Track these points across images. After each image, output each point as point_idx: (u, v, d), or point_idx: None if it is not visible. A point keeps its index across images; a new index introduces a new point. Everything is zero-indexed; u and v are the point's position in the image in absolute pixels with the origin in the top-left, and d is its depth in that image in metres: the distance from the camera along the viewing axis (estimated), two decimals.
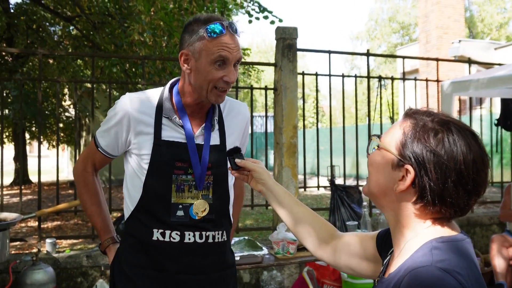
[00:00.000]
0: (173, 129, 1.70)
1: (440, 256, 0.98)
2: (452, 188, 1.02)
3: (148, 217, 1.68)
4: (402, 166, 1.07)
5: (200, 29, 1.61)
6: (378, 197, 1.16)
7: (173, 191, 1.67)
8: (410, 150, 1.06)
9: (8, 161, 15.01)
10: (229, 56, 1.61)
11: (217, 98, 1.67)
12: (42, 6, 9.48)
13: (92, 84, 4.61)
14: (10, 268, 3.46)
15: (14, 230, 7.09)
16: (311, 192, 12.07)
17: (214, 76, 1.61)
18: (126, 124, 1.70)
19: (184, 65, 1.67)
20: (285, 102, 4.66)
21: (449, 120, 1.08)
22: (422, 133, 1.06)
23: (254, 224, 7.56)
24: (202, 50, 1.61)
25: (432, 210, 1.06)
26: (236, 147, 1.60)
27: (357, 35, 40.33)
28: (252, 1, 6.80)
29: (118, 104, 1.73)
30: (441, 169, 1.02)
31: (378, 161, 1.14)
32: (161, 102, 1.72)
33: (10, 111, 10.21)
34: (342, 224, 4.25)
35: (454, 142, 1.03)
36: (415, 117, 1.11)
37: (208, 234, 1.71)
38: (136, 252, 1.71)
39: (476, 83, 4.77)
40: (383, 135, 1.17)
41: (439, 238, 1.04)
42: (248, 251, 3.09)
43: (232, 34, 1.63)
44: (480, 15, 31.18)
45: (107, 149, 1.79)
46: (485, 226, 5.46)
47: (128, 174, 1.77)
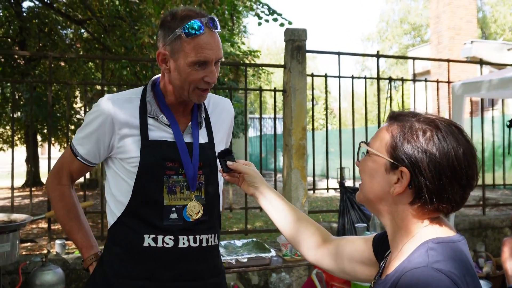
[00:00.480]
0: (160, 128, 1.61)
1: (436, 257, 0.99)
2: (448, 184, 1.03)
3: (137, 222, 1.57)
4: (396, 168, 1.08)
5: (177, 28, 1.51)
6: (374, 203, 1.16)
7: (165, 193, 1.57)
8: (402, 152, 1.07)
9: (20, 163, 15.15)
10: (209, 57, 1.52)
11: (199, 98, 1.60)
12: (54, 10, 9.57)
13: (102, 86, 4.64)
14: (20, 269, 3.49)
15: (25, 231, 7.15)
16: (321, 194, 12.02)
17: (194, 77, 1.53)
18: (108, 128, 1.58)
19: (162, 65, 1.59)
20: (294, 104, 4.64)
21: (434, 118, 1.09)
22: (411, 134, 1.07)
23: (263, 226, 7.54)
24: (180, 50, 1.52)
25: (429, 208, 1.07)
26: (228, 149, 1.54)
27: (368, 37, 40.14)
28: (262, 3, 6.79)
29: (98, 107, 1.61)
30: (435, 167, 1.03)
31: (371, 167, 1.14)
32: (144, 101, 1.63)
33: (22, 113, 10.31)
34: (351, 226, 4.22)
35: (443, 138, 1.05)
36: (400, 119, 1.12)
37: (202, 237, 1.62)
38: (124, 261, 1.58)
39: (488, 84, 4.72)
40: (371, 141, 1.17)
41: (435, 239, 1.04)
42: (256, 253, 3.08)
43: (212, 31, 1.54)
44: (493, 16, 30.88)
45: (87, 157, 1.65)
46: (497, 229, 5.40)
47: (111, 179, 1.65)
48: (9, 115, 11.92)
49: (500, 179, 6.46)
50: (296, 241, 1.46)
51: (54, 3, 9.45)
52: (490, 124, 6.29)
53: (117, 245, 1.61)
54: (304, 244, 1.44)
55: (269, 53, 41.75)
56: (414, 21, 35.23)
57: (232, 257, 2.95)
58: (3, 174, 17.65)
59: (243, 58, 9.57)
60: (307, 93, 4.81)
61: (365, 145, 1.17)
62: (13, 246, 3.18)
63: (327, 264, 1.41)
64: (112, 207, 1.63)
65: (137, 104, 1.62)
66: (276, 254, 3.23)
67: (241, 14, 11.55)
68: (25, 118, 10.57)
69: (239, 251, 3.17)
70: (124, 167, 1.59)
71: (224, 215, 8.68)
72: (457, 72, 13.37)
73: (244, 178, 1.52)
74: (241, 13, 11.10)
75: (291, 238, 1.47)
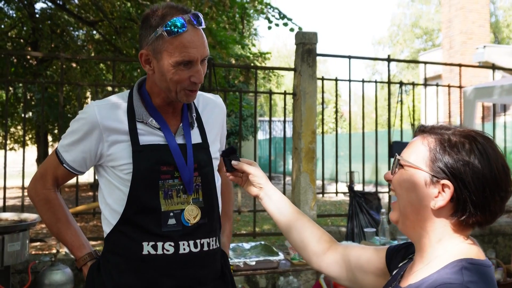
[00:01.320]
0: (151, 132, 1.54)
1: (471, 277, 0.98)
2: (490, 196, 1.03)
3: (135, 230, 1.50)
4: (437, 182, 1.05)
5: (158, 27, 1.43)
6: (409, 218, 1.12)
7: (161, 198, 1.50)
8: (443, 165, 1.05)
9: (31, 163, 15.28)
10: (194, 56, 1.44)
11: (188, 98, 1.53)
12: (67, 11, 9.65)
13: (113, 88, 4.66)
14: (29, 268, 3.51)
15: (34, 231, 7.20)
16: (330, 198, 11.98)
17: (180, 77, 1.46)
18: (96, 136, 1.52)
19: (145, 66, 1.52)
20: (304, 107, 4.63)
21: (469, 131, 1.08)
22: (451, 147, 1.05)
23: (272, 229, 7.53)
24: (162, 50, 1.44)
25: (469, 222, 1.05)
26: (232, 148, 1.47)
27: (379, 40, 40.01)
28: (272, 7, 6.80)
29: (84, 114, 1.54)
30: (478, 179, 1.02)
31: (408, 181, 1.11)
32: (131, 106, 1.56)
33: (33, 113, 10.40)
34: (360, 230, 4.20)
35: (483, 150, 1.04)
36: (435, 132, 1.10)
37: (203, 241, 1.55)
38: (124, 271, 1.52)
39: (500, 89, 4.68)
40: (404, 154, 1.14)
41: (469, 259, 1.03)
42: (264, 256, 3.07)
43: (195, 28, 1.45)
44: (506, 20, 30.63)
45: (73, 164, 1.59)
46: (508, 236, 5.34)
47: (104, 188, 1.59)
48: (21, 115, 12.03)
49: None
50: (300, 246, 1.42)
51: (66, 5, 9.53)
52: (502, 130, 6.23)
53: (115, 255, 1.54)
54: (309, 249, 1.41)
55: (279, 56, 41.75)
56: (426, 25, 35.04)
57: (240, 260, 2.95)
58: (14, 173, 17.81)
59: (254, 60, 9.58)
60: (317, 97, 4.80)
61: (402, 159, 1.13)
62: (23, 245, 3.20)
63: (331, 271, 1.38)
64: (107, 216, 1.57)
65: (125, 109, 1.55)
66: (284, 257, 3.22)
67: (251, 18, 11.57)
68: (36, 118, 10.65)
69: (247, 254, 3.17)
70: (117, 175, 1.53)
71: (233, 218, 8.66)
72: (469, 77, 13.27)
73: (249, 178, 1.47)
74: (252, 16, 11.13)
75: (295, 242, 1.44)
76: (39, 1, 10.20)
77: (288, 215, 1.44)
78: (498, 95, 4.70)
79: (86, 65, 10.07)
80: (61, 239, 1.66)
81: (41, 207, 1.66)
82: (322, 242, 1.41)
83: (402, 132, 5.45)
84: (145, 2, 7.19)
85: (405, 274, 1.15)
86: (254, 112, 5.08)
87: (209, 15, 6.24)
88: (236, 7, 6.44)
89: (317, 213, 4.74)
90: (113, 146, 1.52)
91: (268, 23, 6.70)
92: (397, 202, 1.15)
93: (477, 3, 16.22)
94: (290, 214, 1.45)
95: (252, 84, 10.39)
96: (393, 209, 1.17)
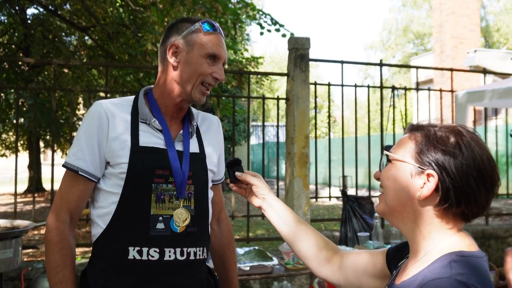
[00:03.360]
0: (152, 134, 1.57)
1: (460, 270, 1.00)
2: (475, 186, 1.06)
3: (122, 234, 1.50)
4: (422, 173, 1.09)
5: (195, 24, 1.58)
6: (398, 211, 1.15)
7: (153, 201, 1.51)
8: (428, 156, 1.09)
9: (22, 169, 15.19)
10: (221, 55, 1.59)
11: (200, 96, 1.59)
12: (59, 17, 9.63)
13: (106, 93, 4.65)
14: (22, 275, 3.49)
15: (27, 238, 7.15)
16: (323, 203, 11.99)
17: (205, 70, 1.57)
18: (105, 130, 1.53)
19: (171, 57, 1.58)
20: (297, 112, 4.65)
21: (455, 126, 1.13)
22: (437, 140, 1.09)
23: (265, 234, 7.53)
24: (196, 42, 1.57)
25: (455, 212, 1.08)
26: (237, 159, 1.50)
27: (371, 45, 40.25)
28: (264, 14, 6.84)
29: (92, 112, 1.57)
30: (462, 169, 1.05)
31: (395, 174, 1.14)
32: (136, 106, 1.61)
33: (25, 119, 10.36)
34: (353, 235, 4.21)
35: (468, 143, 1.08)
36: (422, 129, 1.14)
37: (189, 250, 1.55)
38: (109, 275, 1.51)
39: (491, 93, 4.72)
40: (393, 150, 1.18)
41: (459, 252, 1.05)
42: (258, 261, 3.07)
43: (222, 36, 1.63)
44: (496, 25, 30.93)
45: (90, 169, 1.53)
46: (501, 239, 5.37)
47: (96, 191, 1.57)
48: (13, 121, 11.97)
49: (503, 188, 6.43)
50: (305, 256, 1.43)
51: (58, 10, 9.51)
52: (494, 133, 6.28)
53: (102, 258, 1.54)
54: (313, 259, 1.42)
55: (272, 61, 41.87)
56: (417, 29, 35.31)
57: None
58: (6, 180, 17.68)
59: (246, 65, 9.60)
60: (310, 101, 4.82)
61: (389, 152, 1.17)
62: (15, 252, 3.18)
63: (337, 279, 1.39)
64: (97, 220, 1.56)
65: (129, 110, 1.60)
66: (278, 262, 3.22)
67: (244, 23, 11.61)
68: (28, 124, 10.62)
69: (241, 259, 3.16)
70: (112, 172, 1.53)
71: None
72: (460, 81, 13.37)
73: (252, 189, 1.49)
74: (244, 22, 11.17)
75: (300, 252, 1.44)
76: (31, 6, 10.17)
77: (292, 225, 1.45)
78: (489, 99, 4.74)
79: (78, 70, 10.04)
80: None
81: (52, 245, 1.52)
82: (327, 250, 1.42)
83: (394, 136, 5.47)
84: (138, 8, 7.20)
85: (400, 271, 1.17)
86: (247, 117, 5.09)
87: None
88: (229, 13, 6.47)
89: (310, 218, 4.75)
90: (114, 143, 1.53)
91: (261, 29, 6.74)
92: (384, 194, 1.18)
93: (467, 8, 16.36)
94: (294, 224, 1.45)
95: (245, 89, 10.40)
96: (379, 201, 1.20)
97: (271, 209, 1.47)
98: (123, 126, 1.55)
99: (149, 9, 6.43)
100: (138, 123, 1.57)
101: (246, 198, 1.51)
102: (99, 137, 1.53)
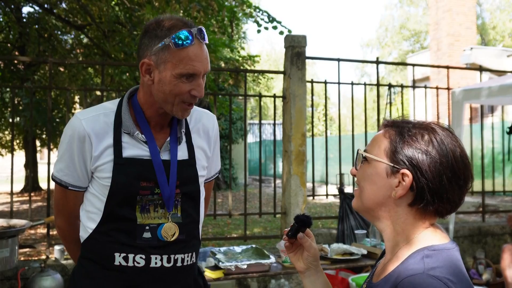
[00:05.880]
0: (135, 146, 1.51)
1: (432, 264, 1.02)
2: (448, 184, 1.07)
3: (109, 240, 1.50)
4: (397, 172, 1.09)
5: (166, 38, 1.42)
6: (373, 209, 1.15)
7: (137, 212, 1.48)
8: (403, 155, 1.09)
9: (19, 168, 15.13)
10: (198, 70, 1.45)
11: (183, 113, 1.51)
12: (54, 15, 9.59)
13: (102, 92, 4.64)
14: (18, 274, 3.48)
15: (23, 237, 7.13)
16: (320, 200, 12.00)
17: (181, 89, 1.44)
18: (88, 146, 1.49)
19: (145, 76, 1.48)
20: (294, 110, 4.65)
21: (429, 123, 1.14)
22: (410, 138, 1.10)
23: (263, 232, 7.53)
24: (167, 61, 1.42)
25: (429, 210, 1.09)
26: (309, 220, 1.32)
27: (367, 43, 40.24)
28: (261, 10, 6.81)
29: (71, 129, 1.51)
30: (435, 168, 1.06)
31: (371, 173, 1.15)
32: (119, 116, 1.52)
33: (21, 118, 10.31)
34: (350, 232, 4.22)
35: (441, 141, 1.09)
36: (396, 126, 1.15)
37: (177, 257, 1.52)
38: (95, 279, 1.52)
39: (487, 91, 4.73)
40: (368, 148, 1.18)
41: (430, 246, 1.07)
42: (255, 260, 3.07)
43: (200, 42, 1.46)
44: (492, 22, 30.98)
45: (78, 183, 1.55)
46: (497, 236, 5.39)
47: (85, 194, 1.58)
48: (9, 120, 11.92)
49: (499, 185, 6.45)
50: None
51: (54, 9, 9.47)
52: (490, 131, 6.30)
53: (89, 261, 1.55)
54: None
55: (269, 59, 41.83)
56: (414, 27, 35.32)
57: (231, 264, 2.94)
58: (2, 179, 17.63)
59: (243, 63, 9.59)
60: (307, 99, 4.81)
61: (363, 152, 1.18)
62: (12, 251, 3.17)
63: None
64: (85, 222, 1.56)
65: (112, 119, 1.52)
66: (276, 260, 3.22)
67: (240, 21, 11.58)
68: (24, 123, 10.57)
69: (239, 257, 3.16)
70: (99, 183, 1.52)
71: (223, 221, 8.65)
72: (457, 79, 13.39)
73: (304, 254, 1.35)
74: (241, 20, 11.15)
75: None
76: (26, 5, 10.11)
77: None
78: (485, 96, 4.75)
79: (74, 69, 10.00)
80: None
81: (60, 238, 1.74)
82: None
83: None
84: (134, 6, 7.18)
85: (378, 269, 1.19)
86: (244, 115, 5.08)
87: (197, 19, 6.24)
88: (225, 11, 6.44)
89: None
90: (99, 157, 1.50)
91: (257, 27, 6.71)
92: (359, 192, 1.18)
93: (463, 5, 16.40)
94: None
95: (241, 87, 10.40)
96: (355, 196, 1.21)
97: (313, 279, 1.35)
98: (105, 142, 1.50)
99: (144, 7, 6.41)
100: (121, 134, 1.51)
101: (289, 255, 1.38)
102: (84, 156, 1.51)
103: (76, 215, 1.63)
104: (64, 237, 1.70)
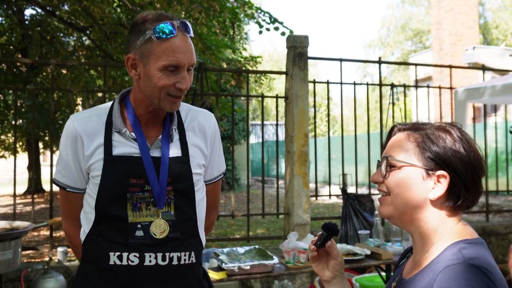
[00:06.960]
0: (125, 144, 1.52)
1: (470, 255, 1.05)
2: (477, 179, 1.12)
3: (104, 240, 1.51)
4: (432, 174, 1.12)
5: (148, 30, 1.43)
6: (408, 214, 1.15)
7: (129, 210, 1.48)
8: (434, 157, 1.11)
9: (22, 170, 15.18)
10: (181, 62, 1.44)
11: (171, 106, 1.50)
12: (56, 17, 9.61)
13: (104, 93, 4.64)
14: (22, 276, 3.48)
15: (27, 239, 7.13)
16: (323, 201, 11.99)
17: (165, 82, 1.45)
18: (80, 146, 1.53)
19: (131, 71, 1.50)
20: (296, 110, 4.64)
21: (445, 123, 1.17)
22: (436, 139, 1.12)
23: (265, 233, 7.52)
24: (150, 54, 1.44)
25: (461, 206, 1.13)
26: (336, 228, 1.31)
27: (369, 43, 40.20)
28: (263, 11, 6.80)
29: (65, 131, 1.56)
30: (467, 165, 1.11)
31: (404, 179, 1.14)
32: (111, 116, 1.55)
33: (24, 120, 10.33)
34: (354, 233, 4.20)
35: (462, 137, 1.13)
36: (417, 128, 1.16)
37: (172, 255, 1.51)
38: (92, 280, 1.54)
39: (490, 90, 4.71)
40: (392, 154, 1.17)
41: (465, 240, 1.10)
42: (259, 260, 3.06)
43: (184, 35, 1.46)
44: (495, 22, 30.91)
45: (76, 184, 1.59)
46: (501, 235, 5.37)
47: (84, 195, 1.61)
48: (11, 123, 11.94)
49: (503, 185, 6.43)
50: None
51: (56, 11, 9.49)
52: (493, 130, 6.28)
53: (87, 263, 1.57)
54: None
55: (271, 60, 41.81)
56: (416, 27, 35.27)
57: (234, 265, 2.93)
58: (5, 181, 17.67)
59: (245, 64, 9.59)
60: (309, 100, 4.81)
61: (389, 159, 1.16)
62: (15, 253, 3.17)
63: None
64: (83, 224, 1.59)
65: (104, 120, 1.55)
66: (279, 261, 3.21)
67: (242, 22, 11.58)
68: (27, 125, 10.59)
69: (242, 258, 3.15)
70: (92, 182, 1.54)
71: (226, 222, 8.65)
72: (459, 78, 13.35)
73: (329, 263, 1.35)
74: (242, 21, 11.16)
75: None
76: (29, 7, 10.14)
77: None
78: (488, 95, 4.73)
79: (76, 71, 10.02)
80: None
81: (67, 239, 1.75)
82: None
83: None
84: (135, 8, 7.18)
85: (407, 267, 1.20)
86: (246, 116, 5.07)
87: (199, 20, 6.24)
88: (227, 12, 6.44)
89: (310, 216, 4.75)
90: (91, 157, 1.53)
91: (259, 28, 6.71)
92: (391, 199, 1.17)
93: (466, 5, 16.35)
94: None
95: (244, 88, 10.41)
96: (384, 204, 1.19)
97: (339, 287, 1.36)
98: (97, 141, 1.53)
99: (146, 8, 6.41)
100: (112, 133, 1.53)
101: (313, 263, 1.38)
102: (77, 156, 1.55)
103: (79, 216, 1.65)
104: (70, 241, 1.72)
